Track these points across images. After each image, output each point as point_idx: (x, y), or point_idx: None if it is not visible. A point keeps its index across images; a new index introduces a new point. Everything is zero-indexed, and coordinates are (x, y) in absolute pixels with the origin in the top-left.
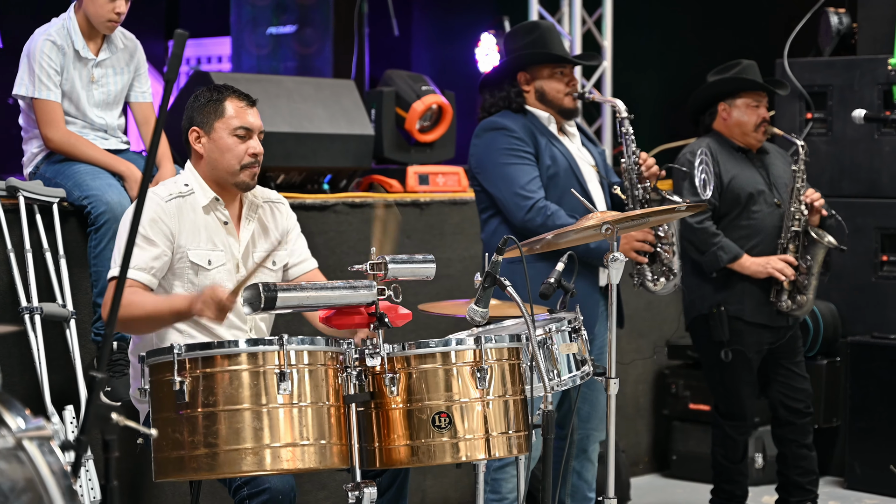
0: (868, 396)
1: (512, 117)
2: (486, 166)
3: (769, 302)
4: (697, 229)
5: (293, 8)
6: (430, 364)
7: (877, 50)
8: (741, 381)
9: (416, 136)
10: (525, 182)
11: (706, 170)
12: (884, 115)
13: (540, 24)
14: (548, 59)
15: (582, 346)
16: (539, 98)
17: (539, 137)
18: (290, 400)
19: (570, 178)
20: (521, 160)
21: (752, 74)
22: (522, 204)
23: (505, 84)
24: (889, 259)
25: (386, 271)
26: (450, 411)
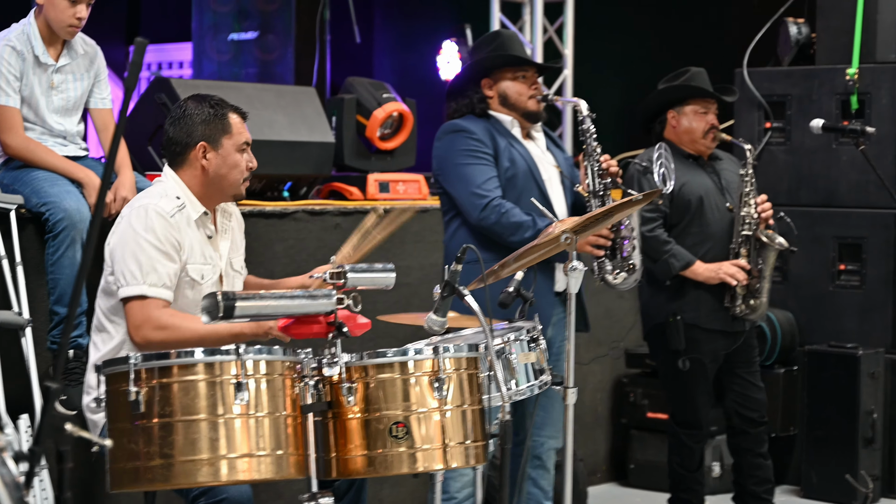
0: (825, 405)
1: (473, 121)
2: (446, 167)
3: (724, 307)
4: (649, 238)
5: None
6: (387, 374)
7: (835, 60)
8: (697, 389)
9: (376, 144)
10: (481, 181)
11: (665, 164)
12: (842, 125)
13: (501, 33)
14: (509, 62)
15: (540, 355)
16: (502, 102)
17: (499, 139)
18: (246, 410)
19: (529, 180)
20: (479, 160)
21: (700, 82)
22: (477, 202)
23: (469, 90)
24: (846, 268)
25: (345, 280)
26: (407, 421)
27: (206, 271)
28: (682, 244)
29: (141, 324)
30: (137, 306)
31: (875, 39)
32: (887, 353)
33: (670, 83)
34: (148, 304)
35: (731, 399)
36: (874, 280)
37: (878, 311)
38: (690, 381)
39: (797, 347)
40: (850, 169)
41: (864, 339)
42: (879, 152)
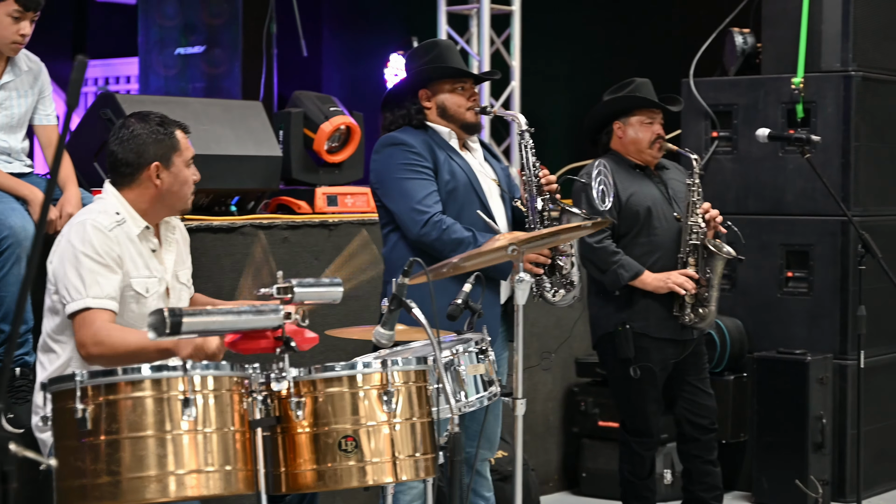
0: (774, 411)
1: (411, 133)
2: (385, 181)
3: (673, 316)
4: (597, 248)
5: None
6: (336, 388)
7: (781, 70)
8: (647, 397)
9: (324, 157)
10: (421, 197)
11: (604, 181)
12: (787, 134)
13: (439, 42)
14: (447, 74)
15: (489, 366)
16: (440, 114)
17: (438, 152)
18: (194, 426)
19: (469, 192)
20: (419, 175)
21: (644, 92)
22: (418, 219)
23: (406, 101)
24: (794, 275)
25: (293, 295)
26: (356, 435)
27: (150, 284)
28: (631, 254)
29: (85, 339)
30: (82, 320)
31: (820, 49)
32: (835, 359)
33: (615, 94)
34: (93, 317)
35: (682, 406)
36: (821, 287)
37: (825, 318)
38: (640, 389)
39: (746, 354)
40: (797, 177)
41: (812, 345)
42: (825, 160)
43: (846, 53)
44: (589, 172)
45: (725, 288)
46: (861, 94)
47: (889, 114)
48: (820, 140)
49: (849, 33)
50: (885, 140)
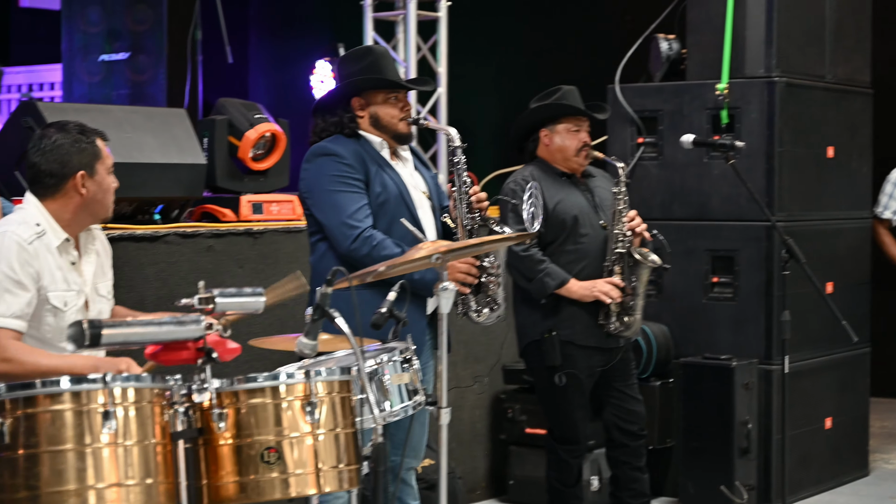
0: (700, 417)
1: (343, 142)
2: (315, 192)
3: (598, 324)
4: (524, 257)
5: (126, 35)
6: (259, 399)
7: (706, 76)
8: (574, 404)
9: (249, 165)
10: (352, 211)
11: (535, 203)
12: (712, 140)
13: (373, 49)
14: (382, 85)
15: (414, 375)
16: (373, 123)
17: (370, 164)
18: (115, 439)
19: (400, 205)
20: (350, 188)
21: (571, 100)
22: (348, 233)
23: (338, 109)
24: (719, 280)
25: (214, 305)
26: (279, 446)
27: (69, 298)
28: (557, 262)
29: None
30: None
31: (744, 55)
32: (760, 364)
33: (542, 102)
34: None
35: (610, 412)
36: (747, 292)
37: (751, 323)
38: (566, 396)
39: (672, 360)
40: (722, 182)
41: (737, 350)
42: (750, 165)
43: (770, 59)
44: (514, 189)
45: (651, 294)
46: (784, 99)
47: (812, 119)
48: (744, 146)
49: (772, 39)
50: (808, 145)
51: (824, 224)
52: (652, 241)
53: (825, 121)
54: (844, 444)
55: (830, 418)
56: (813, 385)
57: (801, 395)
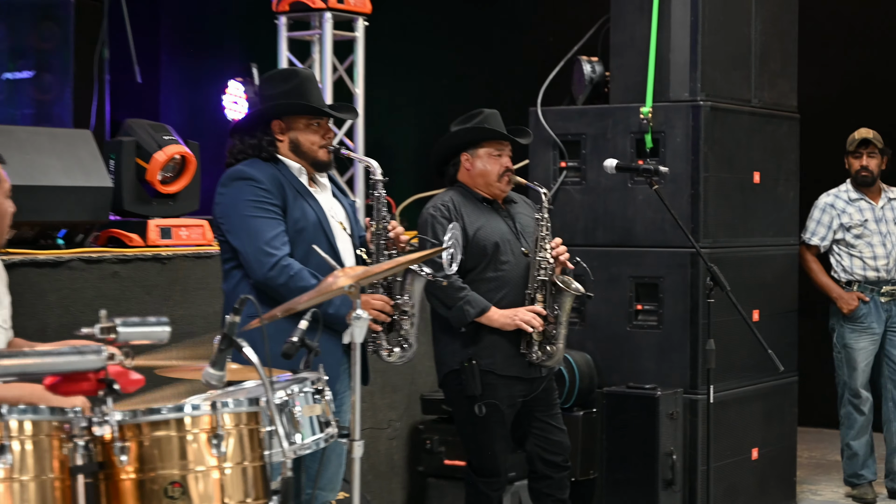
0: (624, 447)
1: (260, 167)
2: (231, 218)
3: (520, 354)
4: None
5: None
6: (163, 431)
7: (629, 99)
8: (494, 436)
9: (157, 188)
10: (269, 237)
11: (455, 244)
12: (635, 165)
13: (299, 73)
14: (305, 111)
15: (326, 407)
16: (293, 149)
17: (288, 190)
18: (10, 474)
19: (318, 233)
20: (267, 213)
21: (493, 123)
22: (265, 261)
23: (257, 131)
24: (643, 308)
25: (116, 335)
26: (184, 480)
27: None
28: (478, 290)
29: None
30: None
31: (668, 78)
32: (685, 394)
33: (463, 125)
34: None
35: (533, 443)
36: (671, 320)
37: (675, 352)
38: (486, 427)
39: (596, 389)
40: (646, 208)
41: (662, 379)
42: (674, 191)
43: (694, 83)
44: (438, 215)
45: (575, 321)
46: (709, 123)
47: (737, 143)
48: (668, 171)
49: (697, 62)
50: (733, 170)
51: (750, 251)
52: (574, 268)
53: (751, 145)
54: (771, 474)
55: (757, 449)
56: (739, 415)
57: (726, 425)
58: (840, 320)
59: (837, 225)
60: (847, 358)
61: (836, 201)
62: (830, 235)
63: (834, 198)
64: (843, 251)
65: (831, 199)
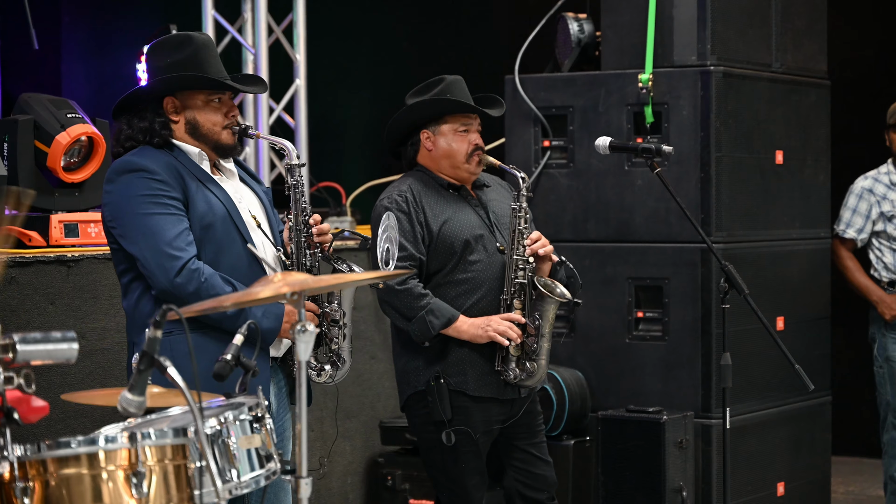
0: (624, 482)
1: (152, 155)
2: (123, 218)
3: (495, 371)
4: (400, 291)
5: None
6: (73, 469)
7: (625, 64)
8: (467, 469)
9: (61, 176)
10: (172, 237)
11: (391, 237)
12: (633, 143)
13: (194, 38)
14: (203, 84)
15: (266, 437)
16: (190, 131)
17: (188, 180)
18: None
19: (229, 229)
20: (166, 209)
21: (456, 93)
22: (170, 265)
23: (148, 112)
24: (645, 315)
25: (14, 354)
26: None
27: None
28: (445, 295)
29: None
30: None
31: (672, 39)
32: (697, 418)
33: (420, 97)
34: None
35: (513, 478)
36: (679, 329)
37: (684, 367)
38: (458, 458)
39: (589, 413)
40: (647, 195)
41: (668, 401)
42: (681, 174)
43: (703, 44)
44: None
45: (563, 332)
46: (722, 93)
47: (755, 116)
48: (672, 150)
49: (706, 20)
50: (751, 149)
51: (773, 246)
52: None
53: (772, 119)
54: None
55: (783, 483)
56: (761, 443)
57: (747, 455)
58: (882, 328)
59: (877, 214)
60: (891, 373)
61: (875, 186)
62: (869, 227)
63: (873, 181)
64: (885, 245)
65: (870, 184)
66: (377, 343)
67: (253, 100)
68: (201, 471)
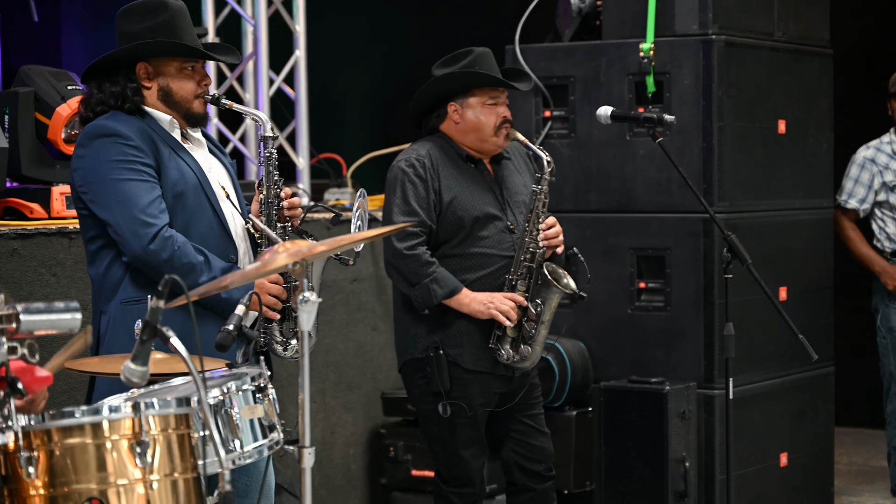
0: (627, 453)
1: (124, 120)
2: (94, 184)
3: (490, 347)
4: (408, 256)
5: None
6: (77, 438)
7: (626, 33)
8: (464, 439)
9: (62, 148)
10: (146, 203)
11: (363, 216)
12: (635, 113)
13: (169, 4)
14: (177, 51)
15: (269, 408)
16: (162, 98)
17: (161, 147)
18: None
19: (200, 198)
20: (140, 175)
21: (485, 66)
22: (143, 232)
23: (120, 77)
24: (647, 286)
25: (18, 324)
26: (104, 496)
27: None
28: (448, 268)
29: None
30: None
31: (673, 7)
32: (699, 389)
33: (448, 68)
34: None
35: (511, 449)
36: (681, 300)
37: (686, 338)
38: (455, 429)
39: (591, 384)
40: (649, 166)
41: (670, 371)
42: (683, 144)
43: (705, 13)
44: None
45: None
46: (724, 62)
47: (758, 86)
48: (674, 120)
49: None
50: (753, 118)
51: (775, 216)
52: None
53: (775, 88)
54: (804, 484)
55: (786, 454)
56: (764, 413)
57: (749, 425)
58: (885, 299)
59: (879, 184)
60: (893, 344)
61: (877, 155)
62: (871, 197)
63: (875, 151)
64: (887, 215)
65: (872, 153)
66: (378, 314)
67: (253, 71)
68: (204, 440)
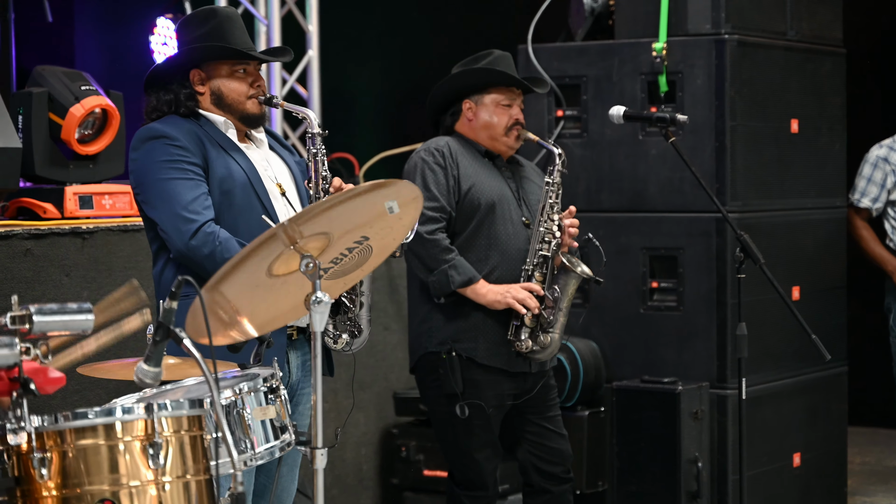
0: (639, 453)
1: (176, 123)
2: (145, 184)
3: (507, 340)
4: (428, 241)
5: None
6: (90, 440)
7: (639, 33)
8: (478, 442)
9: (75, 148)
10: (189, 200)
11: None
12: (648, 113)
13: (218, 12)
14: (227, 55)
15: (281, 409)
16: (216, 102)
17: (209, 146)
18: None
19: (249, 197)
20: (185, 174)
21: (504, 67)
22: (185, 228)
23: (174, 84)
24: (660, 286)
25: (31, 325)
26: (116, 498)
27: None
28: (466, 257)
29: None
30: None
31: (686, 7)
32: (712, 389)
33: (468, 66)
34: None
35: (527, 451)
36: (693, 299)
37: (699, 338)
38: (468, 430)
39: (603, 384)
40: (661, 165)
41: (683, 371)
42: (695, 144)
43: (718, 13)
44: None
45: (578, 302)
46: (737, 61)
47: (770, 85)
48: (687, 119)
49: None
50: (766, 118)
51: (788, 215)
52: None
53: (787, 87)
54: (817, 484)
55: (799, 454)
56: (777, 413)
57: (762, 425)
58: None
59: (892, 183)
60: None
61: (890, 154)
62: (884, 196)
63: (888, 150)
64: None
65: (885, 152)
66: (391, 314)
67: (266, 71)
68: (217, 442)
